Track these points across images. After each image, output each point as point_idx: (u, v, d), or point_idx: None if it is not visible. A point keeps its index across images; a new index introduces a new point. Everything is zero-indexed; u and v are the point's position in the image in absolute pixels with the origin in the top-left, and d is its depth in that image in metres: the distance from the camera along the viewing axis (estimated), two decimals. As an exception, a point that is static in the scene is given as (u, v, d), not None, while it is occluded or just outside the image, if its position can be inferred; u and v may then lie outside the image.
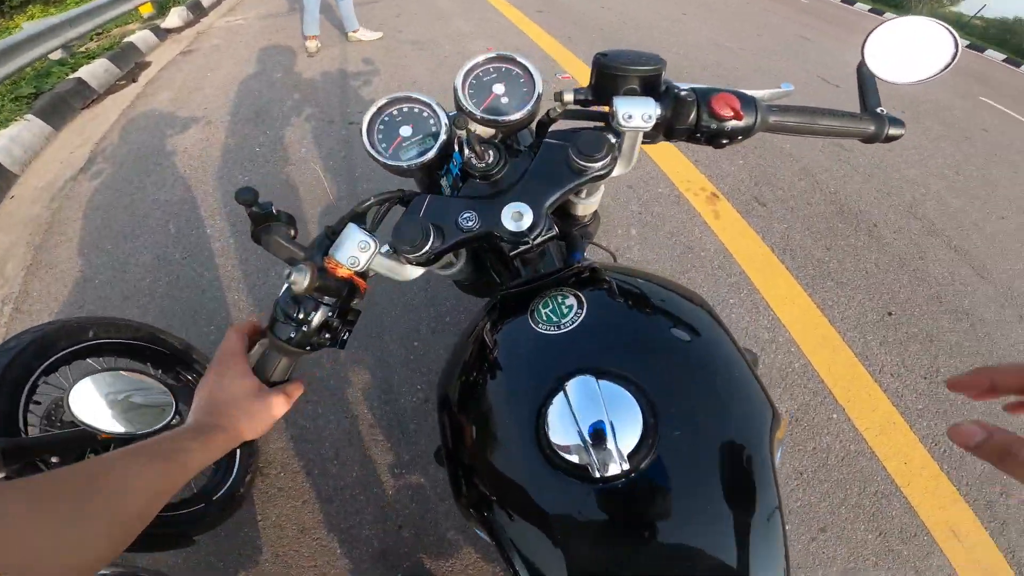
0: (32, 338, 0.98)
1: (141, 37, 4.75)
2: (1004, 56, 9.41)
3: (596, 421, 0.45)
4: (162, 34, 5.11)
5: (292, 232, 0.59)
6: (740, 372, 0.54)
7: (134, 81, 4.05)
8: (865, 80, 0.66)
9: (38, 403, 1.00)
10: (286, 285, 0.50)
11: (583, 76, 3.60)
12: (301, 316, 0.52)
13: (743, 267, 2.11)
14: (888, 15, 11.48)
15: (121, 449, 0.40)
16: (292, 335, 0.53)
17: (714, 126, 0.59)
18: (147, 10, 5.83)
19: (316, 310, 0.53)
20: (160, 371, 1.28)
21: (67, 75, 3.88)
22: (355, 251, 0.54)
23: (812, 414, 1.61)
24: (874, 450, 1.52)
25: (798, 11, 8.37)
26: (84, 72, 3.86)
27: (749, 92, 0.61)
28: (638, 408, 0.47)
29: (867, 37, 0.65)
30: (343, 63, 4.01)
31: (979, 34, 13.06)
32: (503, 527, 0.50)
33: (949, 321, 1.99)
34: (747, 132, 0.60)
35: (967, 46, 10.12)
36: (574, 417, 0.46)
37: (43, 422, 1.07)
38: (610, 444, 0.45)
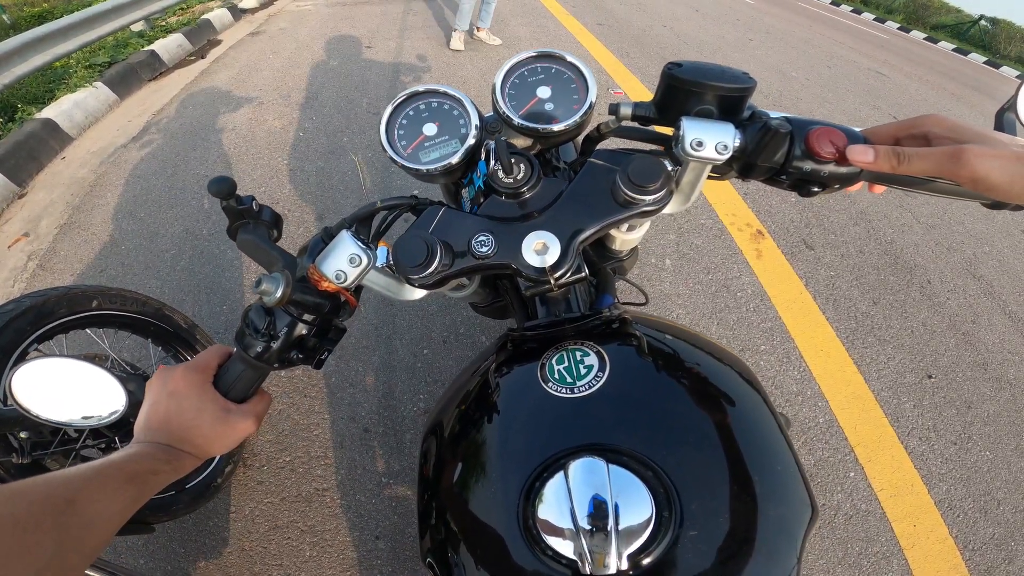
0: (31, 303, 0.96)
1: (218, 15, 4.97)
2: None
3: (598, 509, 0.38)
4: (237, 14, 5.35)
5: (274, 233, 0.53)
6: (782, 465, 0.45)
7: (202, 58, 4.22)
8: (1005, 129, 0.52)
9: None
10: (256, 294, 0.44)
11: (637, 95, 3.51)
12: (272, 331, 0.46)
13: (780, 313, 1.97)
14: (973, 55, 10.81)
15: (93, 468, 0.39)
16: (260, 350, 0.46)
17: (808, 168, 0.46)
18: (229, -12, 6.11)
19: (291, 326, 0.47)
20: (160, 349, 1.27)
21: (143, 47, 4.06)
22: (344, 264, 0.47)
23: (828, 470, 1.53)
24: (885, 511, 1.45)
25: (875, 46, 7.98)
26: (158, 46, 4.05)
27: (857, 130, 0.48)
28: (651, 500, 0.39)
29: None
30: (397, 56, 4.05)
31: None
32: None
33: (991, 389, 1.85)
34: (848, 180, 0.47)
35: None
36: (571, 500, 0.38)
37: None
38: (611, 538, 0.37)
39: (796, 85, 4.56)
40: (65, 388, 0.60)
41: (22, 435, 0.91)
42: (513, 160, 0.50)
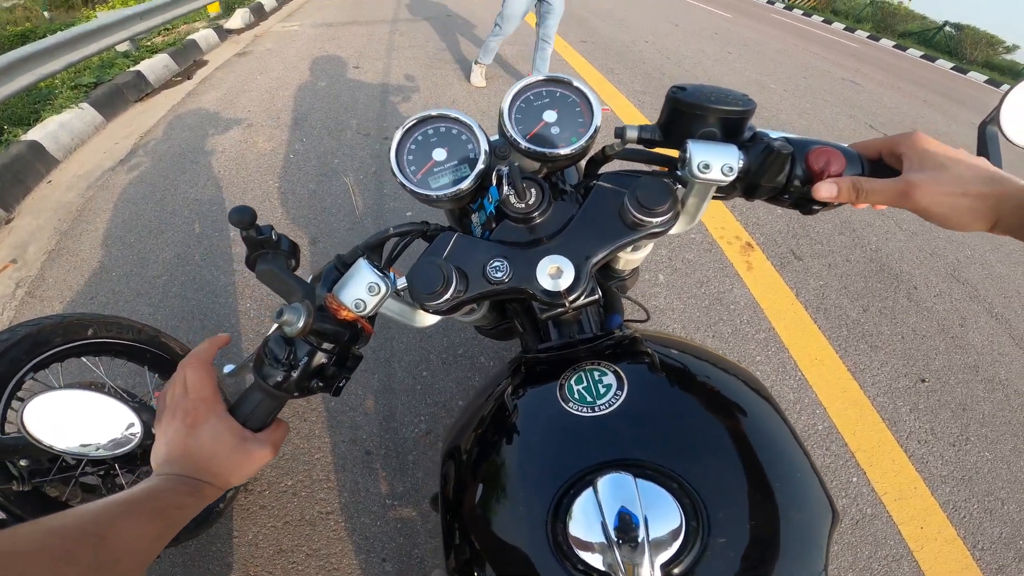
0: (26, 332, 0.95)
1: (203, 36, 4.95)
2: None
3: (628, 522, 0.38)
4: (223, 34, 5.34)
5: (292, 262, 0.53)
6: (800, 470, 0.46)
7: (189, 78, 4.20)
8: (988, 142, 0.54)
9: (21, 400, 0.95)
10: (276, 324, 0.44)
11: (623, 111, 3.58)
12: (292, 360, 0.46)
13: (773, 324, 2.01)
14: (941, 61, 11.20)
15: (120, 504, 0.39)
16: (280, 380, 0.46)
17: (809, 187, 0.48)
18: (214, 9, 6.12)
19: (310, 355, 0.47)
20: (157, 376, 1.26)
21: (129, 67, 4.02)
22: (363, 293, 0.48)
23: (831, 476, 1.55)
24: (891, 514, 1.47)
25: (846, 55, 8.24)
26: (144, 66, 4.01)
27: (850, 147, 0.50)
28: (679, 511, 0.40)
29: (1008, 92, 0.54)
30: (385, 77, 4.08)
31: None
32: None
33: (984, 391, 1.90)
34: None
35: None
36: (602, 514, 0.39)
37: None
38: (643, 549, 0.38)
39: (775, 97, 4.69)
40: (79, 419, 0.60)
41: (22, 463, 0.90)
42: (525, 185, 0.51)
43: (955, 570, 1.37)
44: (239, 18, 5.67)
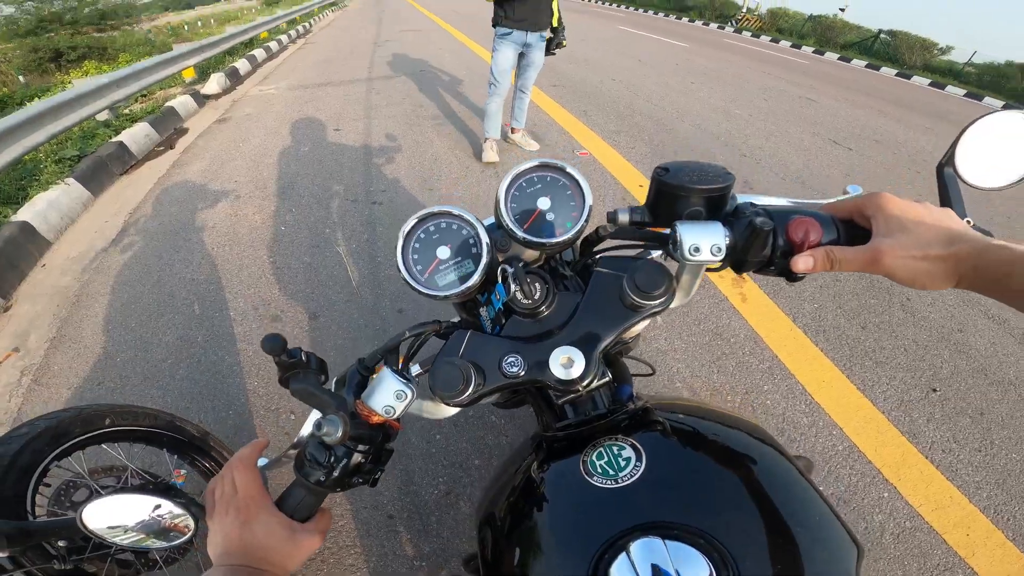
0: (46, 425, 0.99)
1: (181, 102, 4.98)
2: (1003, 103, 9.71)
3: None
4: (201, 100, 5.40)
5: (321, 377, 0.56)
6: (818, 512, 0.49)
7: (171, 148, 4.21)
8: (948, 184, 0.56)
9: (48, 485, 1.02)
10: (311, 431, 0.48)
11: (600, 152, 3.72)
12: (332, 462, 0.50)
13: (775, 351, 2.06)
14: (884, 69, 11.87)
15: None
16: (322, 479, 0.50)
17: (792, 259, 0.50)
18: (189, 74, 6.26)
19: (348, 456, 0.50)
20: (176, 456, 1.28)
21: (110, 137, 3.97)
22: (391, 400, 0.51)
23: (861, 495, 1.55)
24: (932, 525, 1.46)
25: (799, 73, 8.71)
26: (125, 136, 3.97)
27: (821, 208, 0.53)
28: (708, 565, 0.42)
29: (960, 135, 0.56)
30: (367, 138, 4.16)
31: (975, 82, 13.30)
32: None
33: (997, 393, 1.93)
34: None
35: (964, 95, 10.29)
36: (637, 575, 0.42)
37: (52, 503, 1.06)
38: None
39: (741, 123, 4.91)
40: (135, 516, 0.65)
41: (59, 544, 0.95)
42: (530, 281, 0.55)
43: (1014, 572, 1.38)
44: (215, 83, 5.77)
